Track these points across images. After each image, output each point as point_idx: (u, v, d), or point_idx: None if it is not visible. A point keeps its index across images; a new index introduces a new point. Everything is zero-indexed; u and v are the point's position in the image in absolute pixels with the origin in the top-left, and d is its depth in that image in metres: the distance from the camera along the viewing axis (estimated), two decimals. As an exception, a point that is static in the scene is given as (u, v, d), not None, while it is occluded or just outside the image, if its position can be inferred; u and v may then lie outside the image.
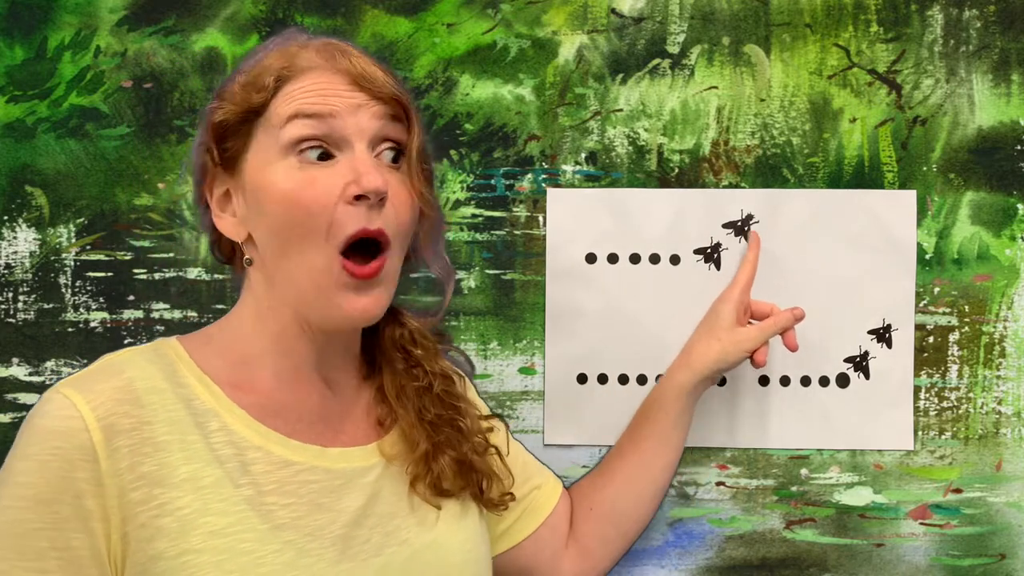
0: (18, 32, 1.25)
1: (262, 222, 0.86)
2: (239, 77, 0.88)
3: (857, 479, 1.23)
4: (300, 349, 0.89)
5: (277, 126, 0.84)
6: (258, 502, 0.82)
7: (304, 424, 0.88)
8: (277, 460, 0.84)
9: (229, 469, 0.82)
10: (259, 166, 0.85)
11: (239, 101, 0.87)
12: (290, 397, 0.89)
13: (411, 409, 0.95)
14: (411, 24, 1.25)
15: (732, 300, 1.15)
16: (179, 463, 0.80)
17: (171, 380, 0.84)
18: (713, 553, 1.24)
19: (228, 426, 0.84)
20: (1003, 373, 1.23)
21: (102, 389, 0.80)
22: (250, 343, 0.89)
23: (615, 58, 1.25)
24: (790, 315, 1.14)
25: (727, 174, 1.25)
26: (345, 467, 0.88)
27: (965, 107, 1.23)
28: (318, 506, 0.84)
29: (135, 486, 0.78)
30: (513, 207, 1.25)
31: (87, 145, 1.25)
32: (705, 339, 1.14)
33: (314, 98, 0.84)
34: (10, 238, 1.25)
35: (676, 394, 1.13)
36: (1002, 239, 1.23)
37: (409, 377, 0.96)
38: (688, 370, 1.13)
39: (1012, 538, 1.22)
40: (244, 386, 0.87)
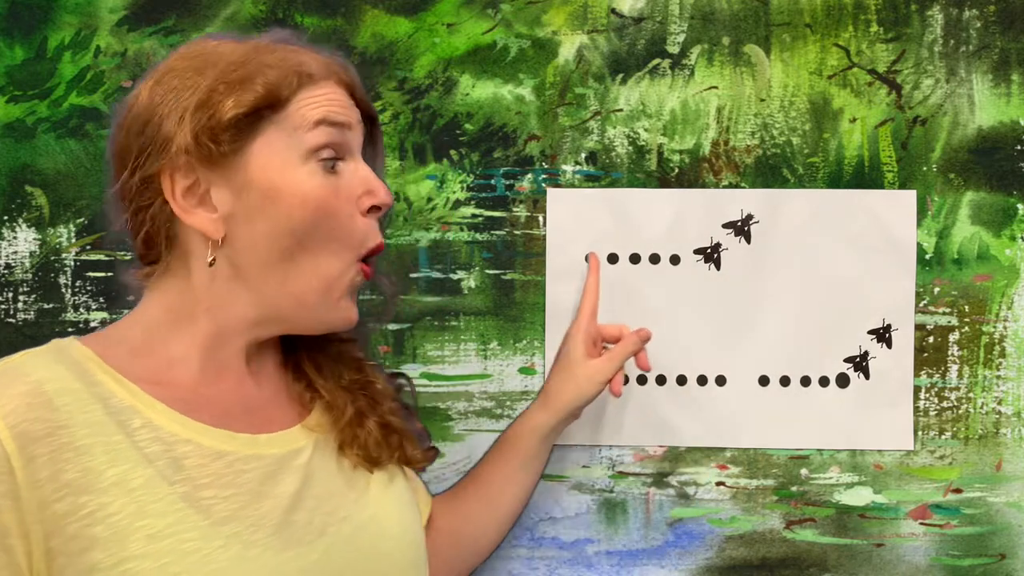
0: (18, 32, 1.25)
1: (265, 223, 0.83)
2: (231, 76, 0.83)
3: (857, 479, 1.23)
4: (232, 347, 0.87)
5: (302, 128, 0.84)
6: (195, 498, 0.78)
7: (230, 415, 0.85)
8: (210, 452, 0.81)
9: (160, 467, 0.77)
10: (276, 166, 0.83)
11: (258, 94, 0.83)
12: (214, 390, 0.86)
13: (330, 377, 0.95)
14: (411, 24, 1.25)
15: (579, 332, 1.15)
16: (104, 466, 0.75)
17: (83, 379, 0.78)
18: (713, 553, 1.24)
19: (152, 422, 0.79)
20: (1003, 373, 1.23)
21: (9, 395, 0.74)
22: (171, 345, 0.85)
23: (615, 58, 1.25)
24: (637, 338, 1.14)
25: (727, 174, 1.25)
26: (277, 452, 0.85)
27: (965, 107, 1.23)
28: (257, 494, 0.81)
29: (58, 496, 0.73)
30: (513, 207, 1.25)
31: (87, 145, 1.25)
32: (560, 377, 1.13)
33: (336, 107, 0.86)
34: (10, 238, 1.25)
35: (531, 434, 1.12)
36: (1002, 239, 1.24)
37: (323, 347, 0.96)
38: (545, 411, 1.12)
39: (1012, 538, 1.22)
40: (163, 381, 0.83)
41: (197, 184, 0.83)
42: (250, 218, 0.84)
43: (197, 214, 0.83)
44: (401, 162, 1.25)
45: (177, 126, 0.82)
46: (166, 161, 0.82)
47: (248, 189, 0.83)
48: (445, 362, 1.25)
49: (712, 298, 1.23)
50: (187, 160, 0.82)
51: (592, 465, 1.24)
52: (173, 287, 0.86)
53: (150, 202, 0.84)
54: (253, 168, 0.83)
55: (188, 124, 0.82)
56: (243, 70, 0.84)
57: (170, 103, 0.83)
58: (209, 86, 0.83)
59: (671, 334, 1.23)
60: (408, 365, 1.25)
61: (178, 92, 0.83)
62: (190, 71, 0.84)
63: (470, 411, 1.25)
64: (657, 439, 1.24)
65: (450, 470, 1.24)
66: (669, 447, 1.24)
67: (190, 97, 0.83)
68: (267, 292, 0.85)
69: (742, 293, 1.23)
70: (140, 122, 0.84)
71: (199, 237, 0.85)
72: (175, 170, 0.82)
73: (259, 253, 0.84)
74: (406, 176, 1.25)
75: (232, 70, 0.84)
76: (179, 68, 0.85)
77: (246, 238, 0.84)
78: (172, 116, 0.83)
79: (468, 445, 1.24)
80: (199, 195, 0.83)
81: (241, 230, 0.84)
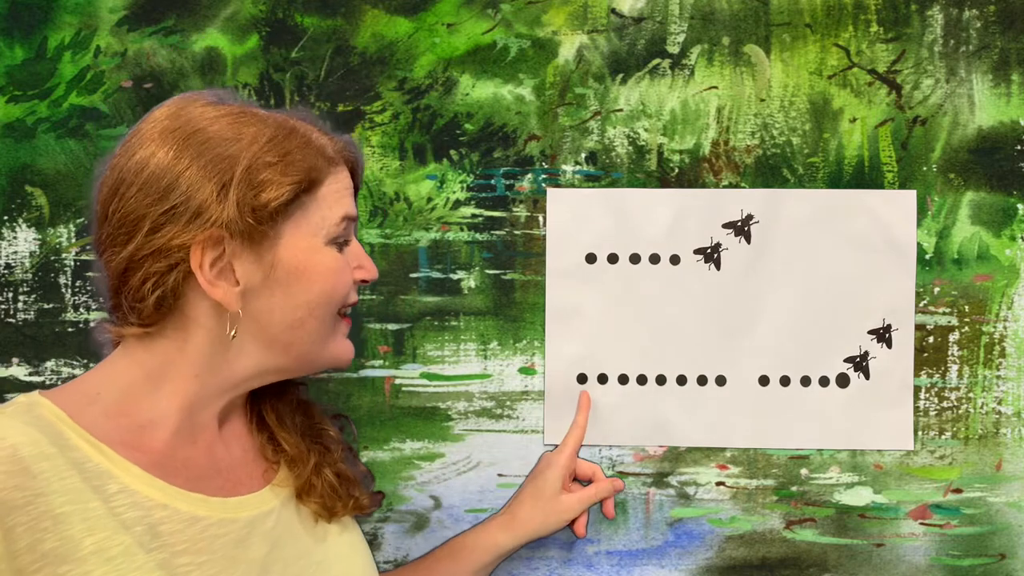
0: (18, 32, 1.25)
1: (284, 297, 0.86)
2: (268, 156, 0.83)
3: (857, 479, 1.23)
4: (210, 410, 0.88)
5: (328, 220, 0.88)
6: (172, 565, 0.78)
7: (203, 479, 0.85)
8: (185, 517, 0.81)
9: (137, 533, 0.77)
10: (303, 247, 0.86)
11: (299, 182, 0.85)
12: (186, 453, 0.85)
13: (291, 428, 0.97)
14: (411, 24, 1.25)
15: (559, 466, 1.15)
16: (82, 535, 0.74)
17: (57, 444, 0.77)
18: (713, 553, 1.24)
19: (128, 487, 0.78)
20: (1003, 373, 1.23)
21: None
22: (149, 407, 0.84)
23: (615, 58, 1.25)
24: (610, 485, 1.17)
25: (727, 174, 1.25)
26: (247, 515, 0.86)
27: (965, 107, 1.23)
28: (231, 560, 0.82)
29: (37, 567, 0.72)
30: (513, 207, 1.25)
31: (87, 145, 1.25)
32: (529, 504, 1.14)
33: (350, 200, 0.92)
34: (10, 238, 1.25)
35: (488, 550, 1.13)
36: (1002, 239, 1.23)
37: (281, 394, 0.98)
38: (509, 532, 1.13)
39: (1012, 538, 1.22)
40: (137, 446, 0.82)
41: (222, 257, 0.83)
42: (270, 292, 0.85)
43: (220, 286, 0.83)
44: (401, 162, 1.25)
45: (216, 198, 0.81)
46: (199, 232, 0.81)
47: (276, 266, 0.85)
48: (445, 362, 1.25)
49: (712, 298, 1.23)
50: (221, 233, 0.81)
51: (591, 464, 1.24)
52: (160, 350, 0.85)
53: (165, 269, 0.82)
54: (283, 247, 0.85)
55: (232, 199, 0.81)
56: (278, 149, 0.85)
57: (202, 172, 0.82)
58: (249, 164, 0.83)
59: (671, 334, 1.23)
60: (408, 365, 1.25)
61: (213, 162, 0.82)
62: (219, 140, 0.83)
63: (470, 411, 1.25)
64: (657, 439, 1.24)
65: (450, 470, 1.24)
66: (669, 447, 1.24)
67: (229, 170, 0.82)
68: (272, 355, 0.88)
69: (742, 293, 1.23)
70: (160, 186, 0.81)
71: (208, 307, 0.84)
72: (207, 242, 0.81)
73: (272, 323, 0.86)
74: (406, 176, 1.25)
75: (267, 149, 0.84)
76: (202, 134, 0.83)
77: (263, 310, 0.85)
78: (207, 187, 0.81)
79: (468, 445, 1.24)
80: (222, 268, 0.83)
81: (259, 302, 0.85)
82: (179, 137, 0.83)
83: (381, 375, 1.25)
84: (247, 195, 0.82)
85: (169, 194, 0.81)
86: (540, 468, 1.17)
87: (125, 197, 0.82)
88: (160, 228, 0.81)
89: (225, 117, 0.85)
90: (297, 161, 0.85)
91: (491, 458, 1.24)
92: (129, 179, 0.82)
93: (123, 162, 0.84)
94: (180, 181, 0.81)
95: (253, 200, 0.82)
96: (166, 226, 0.81)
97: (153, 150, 0.83)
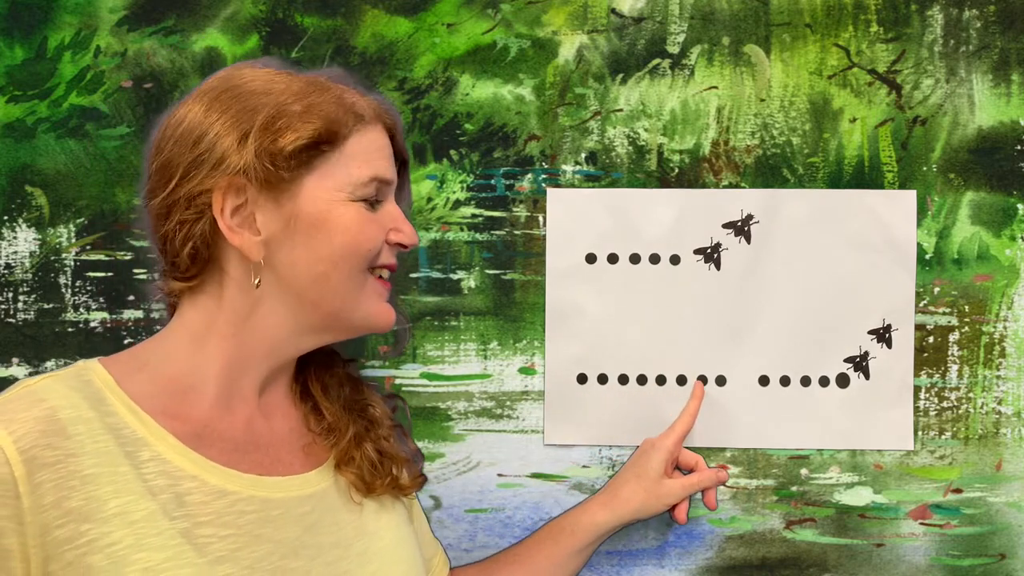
0: (18, 32, 1.25)
1: (305, 249, 0.86)
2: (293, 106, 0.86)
3: (857, 479, 1.23)
4: (248, 377, 0.89)
5: (356, 178, 0.88)
6: (194, 535, 0.78)
7: (239, 452, 0.86)
8: (213, 489, 0.82)
9: (163, 501, 0.78)
10: (325, 199, 0.87)
11: (319, 129, 0.86)
12: (224, 424, 0.87)
13: (334, 399, 0.97)
14: (411, 24, 1.25)
15: (664, 449, 1.15)
16: (108, 496, 0.76)
17: (97, 408, 0.80)
18: (713, 553, 1.24)
19: (160, 455, 0.80)
20: (1003, 373, 1.23)
21: (24, 419, 0.75)
22: (191, 369, 0.86)
23: (615, 58, 1.25)
24: (714, 475, 1.16)
25: (727, 174, 1.25)
26: (282, 496, 0.86)
27: (965, 107, 1.23)
28: (256, 537, 0.82)
29: (60, 523, 0.74)
30: (513, 207, 1.25)
31: (87, 145, 1.25)
32: (632, 484, 1.14)
33: (385, 163, 0.91)
34: (10, 238, 1.25)
35: (589, 530, 1.13)
36: (1002, 239, 1.24)
37: (329, 366, 0.99)
38: (610, 511, 1.13)
39: (1012, 538, 1.22)
40: (177, 414, 0.84)
41: (245, 206, 0.85)
42: (292, 243, 0.86)
43: (242, 234, 0.85)
44: (401, 162, 1.25)
45: (237, 145, 0.84)
46: (221, 178, 0.84)
47: (296, 217, 0.86)
48: (445, 362, 1.25)
49: (712, 298, 1.23)
50: (241, 181, 0.84)
51: (592, 465, 1.24)
52: (202, 306, 0.88)
53: (193, 218, 0.85)
54: (304, 199, 0.86)
55: (251, 145, 0.84)
56: (304, 101, 0.86)
57: (228, 122, 0.85)
58: (271, 112, 0.85)
59: (671, 334, 1.23)
60: (408, 365, 1.25)
61: (238, 113, 0.85)
62: (249, 94, 0.86)
63: (470, 411, 1.25)
64: (657, 439, 1.24)
65: (450, 470, 1.24)
66: (669, 447, 1.23)
67: (251, 119, 0.85)
68: (302, 312, 0.88)
69: (742, 293, 1.23)
70: (192, 137, 0.85)
71: (236, 258, 0.86)
72: (228, 189, 0.84)
73: (296, 276, 0.87)
74: (406, 176, 1.25)
75: (293, 100, 0.86)
76: (236, 89, 0.87)
77: (285, 262, 0.86)
78: (231, 135, 0.84)
79: (468, 445, 1.24)
80: (244, 216, 0.85)
81: (281, 254, 0.86)
82: (215, 94, 0.87)
83: (381, 375, 1.25)
84: (265, 141, 0.84)
85: (198, 143, 0.85)
86: (643, 450, 1.17)
87: (164, 149, 0.87)
88: (188, 175, 0.84)
89: (262, 75, 0.89)
90: (320, 111, 0.86)
91: (491, 458, 1.24)
92: (168, 133, 0.87)
93: (168, 120, 0.88)
94: (208, 131, 0.85)
95: (271, 146, 0.84)
96: (193, 173, 0.84)
97: (191, 106, 0.87)
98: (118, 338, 1.25)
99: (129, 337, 1.25)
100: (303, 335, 0.90)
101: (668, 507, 1.14)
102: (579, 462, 1.24)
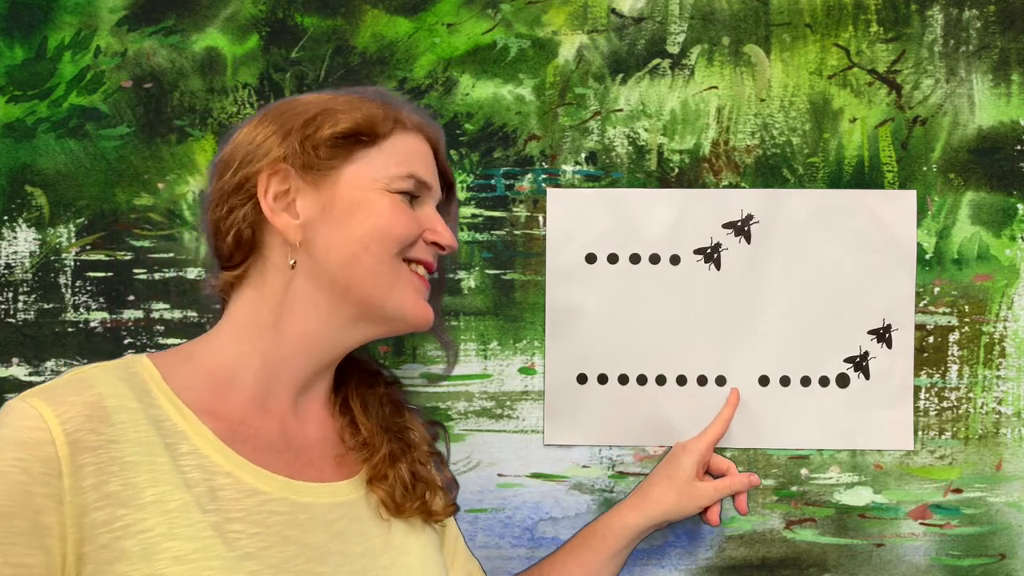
0: (18, 32, 1.25)
1: (340, 233, 0.90)
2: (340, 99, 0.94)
3: (857, 479, 1.23)
4: (288, 371, 0.92)
5: (394, 173, 0.93)
6: (224, 529, 0.80)
7: (272, 451, 0.88)
8: (246, 488, 0.84)
9: (197, 494, 0.81)
10: (362, 186, 0.92)
11: (358, 120, 0.92)
12: (259, 422, 0.90)
13: (372, 417, 0.99)
14: (411, 24, 1.25)
15: (696, 452, 1.16)
16: (146, 484, 0.79)
17: (142, 400, 0.83)
18: (713, 553, 1.24)
19: (198, 449, 0.83)
20: (1003, 373, 1.23)
21: (72, 403, 0.79)
22: (233, 361, 0.90)
23: (615, 58, 1.25)
24: (746, 480, 1.16)
25: (727, 174, 1.25)
26: (311, 502, 0.88)
27: (965, 107, 1.23)
28: (284, 539, 0.84)
29: (98, 505, 0.77)
30: (513, 207, 1.25)
31: (87, 145, 1.25)
32: (664, 485, 1.14)
33: (422, 166, 0.96)
34: (10, 238, 1.25)
35: (621, 533, 1.13)
36: (1002, 239, 1.24)
37: (371, 385, 1.02)
38: (641, 513, 1.13)
39: (1012, 538, 1.22)
40: (216, 411, 0.87)
41: (287, 192, 0.91)
42: (328, 227, 0.90)
43: (282, 217, 0.90)
44: (401, 162, 1.25)
45: (283, 137, 0.92)
46: (266, 162, 0.91)
47: (333, 202, 0.91)
48: (445, 362, 1.25)
49: (712, 298, 1.23)
50: (284, 166, 0.91)
51: (592, 465, 1.24)
52: (245, 297, 0.92)
53: (240, 202, 0.91)
54: (342, 185, 0.91)
55: (295, 134, 0.91)
56: (347, 104, 0.94)
57: (279, 122, 0.93)
58: (316, 110, 0.93)
59: (671, 334, 1.23)
60: (408, 365, 1.25)
61: (288, 116, 0.94)
62: (300, 104, 0.95)
63: (470, 411, 1.25)
64: (657, 439, 1.24)
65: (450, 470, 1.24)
66: (669, 447, 1.23)
67: (297, 118, 0.93)
68: (335, 299, 0.91)
69: (742, 293, 1.23)
70: (249, 138, 0.94)
71: (276, 244, 0.92)
72: (273, 173, 0.91)
73: (330, 259, 0.90)
74: (406, 176, 1.25)
75: (337, 104, 0.94)
76: (289, 102, 0.96)
77: (320, 246, 0.90)
78: (280, 131, 0.92)
79: (468, 445, 1.24)
80: (287, 202, 0.91)
81: (318, 238, 0.90)
82: (277, 111, 0.96)
83: (381, 375, 1.24)
84: (308, 130, 0.92)
85: (251, 142, 0.93)
86: (675, 453, 1.17)
87: (224, 153, 0.96)
88: (240, 166, 0.92)
89: (317, 94, 0.98)
90: (360, 109, 0.93)
91: (491, 458, 1.24)
92: (230, 148, 0.95)
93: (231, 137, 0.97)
94: (261, 132, 0.93)
95: (313, 134, 0.91)
96: (243, 163, 0.92)
97: (252, 124, 0.96)
98: (118, 338, 1.25)
99: (129, 337, 1.25)
100: (336, 327, 0.93)
101: (700, 509, 1.14)
102: (579, 462, 1.24)
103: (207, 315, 1.25)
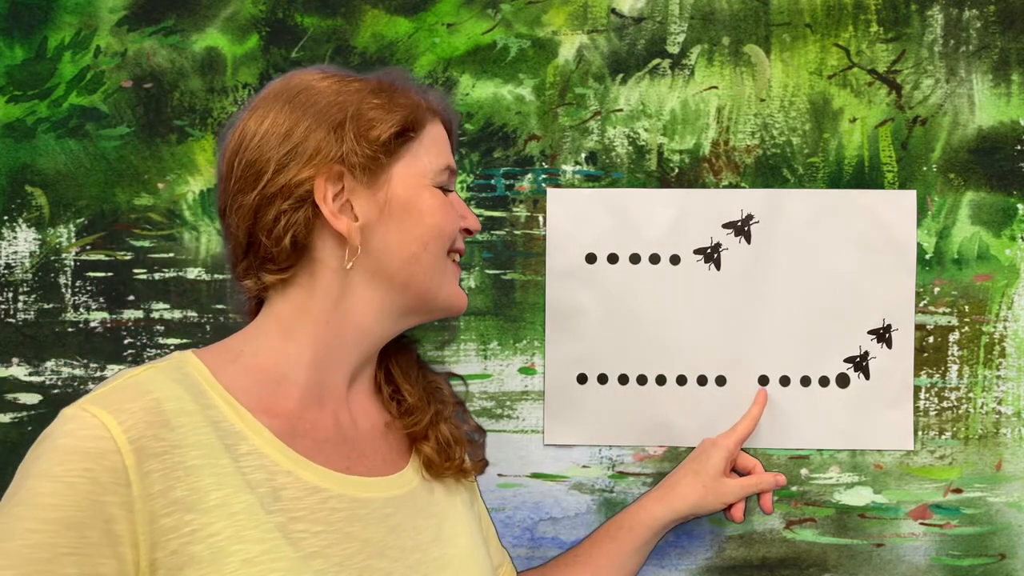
0: (18, 32, 1.25)
1: (398, 232, 0.90)
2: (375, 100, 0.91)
3: (857, 479, 1.23)
4: (340, 364, 0.91)
5: (435, 165, 0.93)
6: (289, 529, 0.80)
7: (329, 446, 0.88)
8: (306, 486, 0.84)
9: (260, 494, 0.80)
10: (413, 185, 0.91)
11: (406, 117, 0.91)
12: (314, 417, 0.89)
13: (414, 382, 1.00)
14: (411, 24, 1.25)
15: (725, 448, 1.16)
16: (210, 488, 0.78)
17: (198, 401, 0.82)
18: (713, 553, 1.24)
19: (258, 449, 0.83)
20: (1003, 373, 1.23)
21: (132, 410, 0.77)
22: (283, 359, 0.89)
23: (615, 58, 1.25)
24: (772, 479, 1.16)
25: (727, 174, 1.25)
26: (368, 497, 0.88)
27: (965, 107, 1.23)
28: (346, 535, 0.84)
29: (167, 512, 0.76)
30: (513, 207, 1.25)
31: (87, 145, 1.25)
32: (690, 480, 1.14)
33: (449, 153, 0.97)
34: (10, 238, 1.25)
35: (647, 525, 1.13)
36: (1002, 239, 1.24)
37: (405, 349, 1.02)
38: (666, 506, 1.13)
39: (1012, 538, 1.22)
40: (271, 409, 0.86)
41: (341, 194, 0.88)
42: (386, 228, 0.90)
43: (343, 220, 0.88)
44: (401, 162, 1.25)
45: (332, 136, 0.88)
46: (321, 166, 0.87)
47: (389, 202, 0.90)
48: (445, 362, 1.25)
49: (712, 298, 1.23)
50: (339, 168, 0.88)
51: (592, 465, 1.24)
52: (293, 296, 0.90)
53: (292, 207, 0.87)
54: (396, 185, 0.90)
55: (349, 134, 0.88)
56: (384, 96, 0.92)
57: (317, 116, 0.89)
58: (358, 105, 0.90)
59: (671, 334, 1.23)
60: (408, 365, 1.25)
61: (326, 108, 0.89)
62: (328, 92, 0.91)
63: (470, 411, 1.24)
64: (657, 439, 1.24)
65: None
66: (669, 447, 1.24)
67: (342, 111, 0.89)
68: (392, 293, 0.91)
69: (742, 293, 1.23)
70: (279, 133, 0.88)
71: (329, 245, 0.89)
72: (327, 177, 0.87)
73: (389, 259, 0.90)
74: (406, 176, 1.25)
75: (373, 96, 0.91)
76: (311, 90, 0.91)
77: (379, 246, 0.90)
78: (322, 128, 0.88)
79: (468, 445, 1.24)
80: (342, 204, 0.89)
81: (375, 238, 0.89)
82: (291, 96, 0.90)
83: (381, 375, 1.24)
84: (361, 129, 0.89)
85: (288, 138, 0.88)
86: (703, 448, 1.17)
87: (248, 148, 0.89)
88: (284, 168, 0.87)
89: (330, 78, 0.93)
90: (399, 103, 0.92)
91: (491, 458, 1.23)
92: (250, 135, 0.89)
93: (243, 125, 0.91)
94: (297, 127, 0.88)
95: (367, 134, 0.89)
96: (289, 165, 0.87)
97: (268, 109, 0.90)
98: (118, 338, 1.25)
99: (129, 337, 1.25)
100: (389, 319, 0.93)
101: (725, 505, 1.14)
102: (579, 462, 1.24)
103: (207, 315, 1.25)
